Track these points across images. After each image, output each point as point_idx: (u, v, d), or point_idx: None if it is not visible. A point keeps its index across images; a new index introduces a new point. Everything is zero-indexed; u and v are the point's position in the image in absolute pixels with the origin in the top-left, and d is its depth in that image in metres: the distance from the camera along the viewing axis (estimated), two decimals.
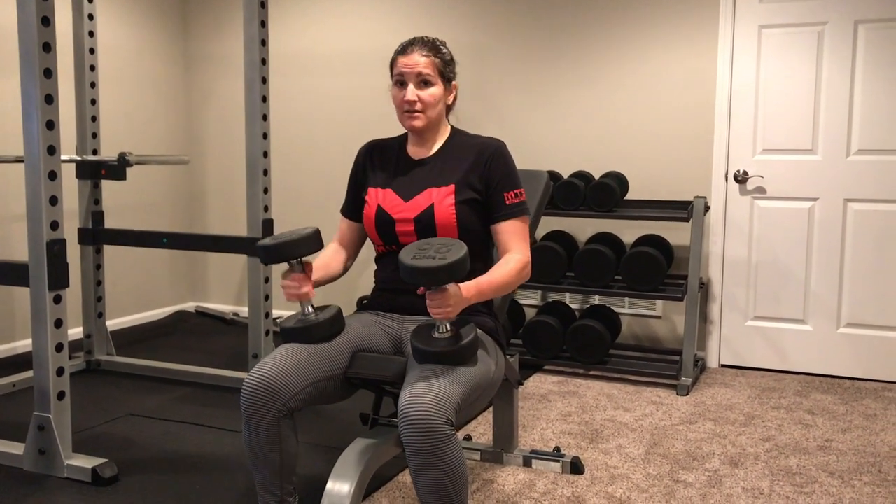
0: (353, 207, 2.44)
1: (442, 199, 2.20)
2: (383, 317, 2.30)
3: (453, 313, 1.94)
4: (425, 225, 2.20)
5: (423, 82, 2.22)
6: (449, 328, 1.97)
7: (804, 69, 4.06)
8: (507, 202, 2.22)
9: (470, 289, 2.00)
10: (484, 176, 2.23)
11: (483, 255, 2.31)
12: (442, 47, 2.28)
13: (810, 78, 4.05)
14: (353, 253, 2.48)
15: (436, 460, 1.78)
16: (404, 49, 2.24)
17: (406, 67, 2.21)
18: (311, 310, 2.13)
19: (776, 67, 4.10)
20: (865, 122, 3.98)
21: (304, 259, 2.11)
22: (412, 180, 2.28)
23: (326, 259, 2.38)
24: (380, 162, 2.38)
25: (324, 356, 2.07)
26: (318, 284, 2.22)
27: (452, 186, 2.22)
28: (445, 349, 1.93)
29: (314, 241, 2.08)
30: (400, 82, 2.24)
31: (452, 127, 2.40)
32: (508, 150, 2.30)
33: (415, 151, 2.35)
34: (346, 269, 2.45)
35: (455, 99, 2.36)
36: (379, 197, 2.30)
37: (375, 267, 2.41)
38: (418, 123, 2.25)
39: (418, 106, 2.22)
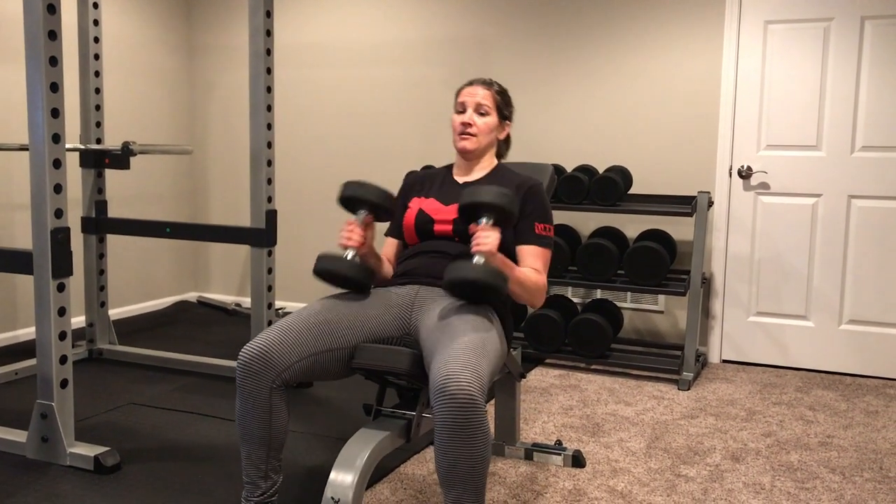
0: (396, 226, 2.58)
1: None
2: (396, 288, 2.31)
3: (491, 250, 2.08)
4: (464, 227, 2.32)
5: (481, 113, 2.47)
6: (483, 263, 2.08)
7: (810, 65, 4.05)
8: (537, 231, 2.38)
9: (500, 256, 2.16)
10: (520, 205, 2.31)
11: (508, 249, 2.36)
12: (503, 88, 2.56)
13: (815, 74, 4.04)
14: (387, 262, 2.58)
15: (469, 436, 1.78)
16: (470, 83, 2.53)
17: (468, 96, 2.49)
18: (351, 256, 2.26)
19: (782, 63, 4.09)
20: (870, 118, 3.97)
21: (370, 220, 2.30)
22: (454, 193, 2.47)
23: (385, 260, 2.54)
24: (426, 184, 2.57)
25: (327, 329, 2.10)
26: (369, 260, 2.36)
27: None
28: (483, 277, 2.03)
29: (387, 199, 2.29)
30: (460, 110, 2.49)
31: (500, 162, 2.61)
32: (544, 190, 2.49)
33: (460, 175, 2.55)
34: (385, 265, 2.54)
35: (508, 138, 2.60)
36: (421, 203, 2.48)
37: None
38: (469, 145, 2.46)
39: (472, 129, 2.45)
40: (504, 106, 2.55)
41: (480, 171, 2.53)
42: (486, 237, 2.09)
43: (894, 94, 3.92)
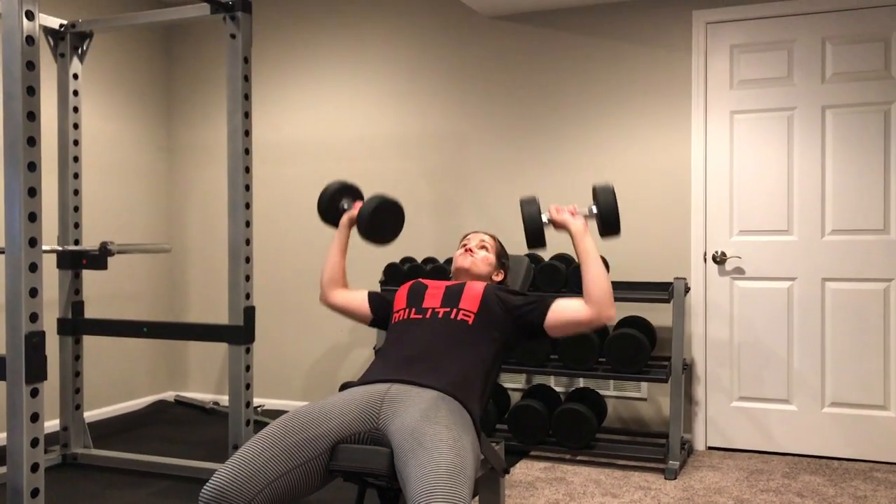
0: (378, 298, 2.74)
1: (475, 284, 2.57)
2: (367, 387, 2.26)
3: (566, 220, 2.51)
4: (454, 292, 2.52)
5: (482, 247, 2.74)
6: (547, 222, 2.53)
7: (776, 152, 4.16)
8: (540, 300, 2.53)
9: (588, 233, 2.48)
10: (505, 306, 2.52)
11: (490, 347, 2.44)
12: (501, 243, 2.84)
13: (782, 161, 4.15)
14: (344, 295, 2.80)
15: None
16: (474, 231, 2.84)
17: (472, 235, 2.79)
18: (347, 206, 2.81)
19: (749, 151, 4.21)
20: (838, 202, 4.06)
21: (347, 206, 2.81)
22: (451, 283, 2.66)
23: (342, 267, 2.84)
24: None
25: (287, 448, 2.02)
26: (343, 233, 2.81)
27: (485, 283, 2.59)
28: (540, 228, 2.50)
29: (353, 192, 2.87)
30: (464, 245, 2.75)
31: None
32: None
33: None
34: (341, 277, 2.81)
35: (503, 281, 2.78)
36: (419, 279, 2.69)
37: (369, 357, 2.47)
38: (468, 263, 2.68)
39: (473, 253, 2.70)
40: (502, 254, 2.79)
41: None
42: (572, 215, 2.51)
43: (858, 178, 4.02)
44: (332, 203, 2.83)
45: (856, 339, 4.06)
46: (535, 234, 2.52)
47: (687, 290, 4.02)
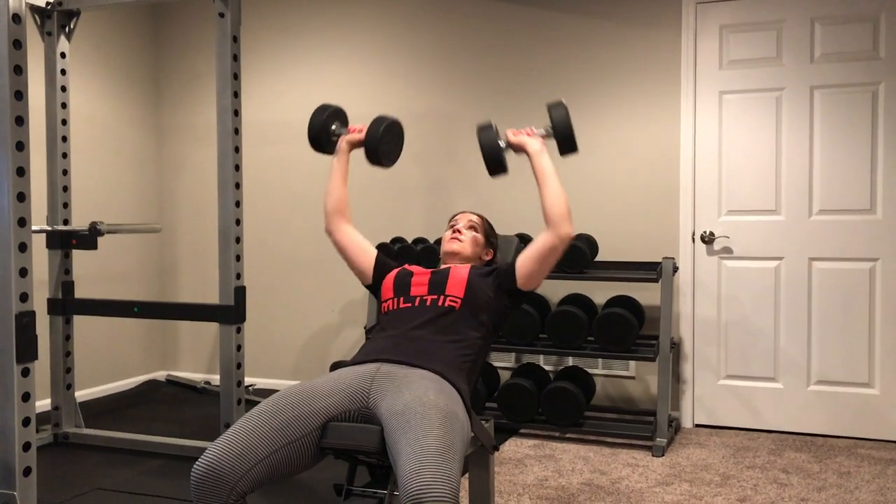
0: (384, 262, 2.71)
1: (459, 268, 2.56)
2: (357, 367, 2.27)
3: (521, 143, 2.56)
4: (439, 279, 2.51)
5: (471, 227, 2.73)
6: (505, 146, 2.56)
7: (765, 132, 4.18)
8: (507, 263, 2.60)
9: (545, 153, 2.54)
10: (497, 276, 2.55)
11: (478, 331, 2.46)
12: (489, 222, 2.82)
13: (771, 141, 4.17)
14: (350, 232, 2.76)
15: None
16: (462, 211, 2.83)
17: (460, 216, 2.78)
18: (337, 129, 2.77)
19: (738, 131, 4.23)
20: (825, 183, 4.09)
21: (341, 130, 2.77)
22: (436, 269, 2.66)
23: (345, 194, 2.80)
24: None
25: (278, 426, 2.04)
26: (342, 158, 2.78)
27: (469, 266, 2.59)
28: (498, 153, 2.53)
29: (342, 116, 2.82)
30: (452, 226, 2.74)
31: None
32: None
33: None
34: (345, 206, 2.79)
35: (493, 260, 2.77)
36: (406, 266, 2.67)
37: (359, 337, 2.48)
38: (456, 246, 2.67)
39: (461, 235, 2.69)
40: (490, 234, 2.78)
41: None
42: (529, 135, 2.56)
43: (845, 158, 4.05)
44: (325, 127, 2.75)
45: (841, 317, 4.10)
46: (494, 160, 2.54)
47: (675, 269, 4.05)
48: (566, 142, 2.53)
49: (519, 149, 2.58)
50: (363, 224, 4.94)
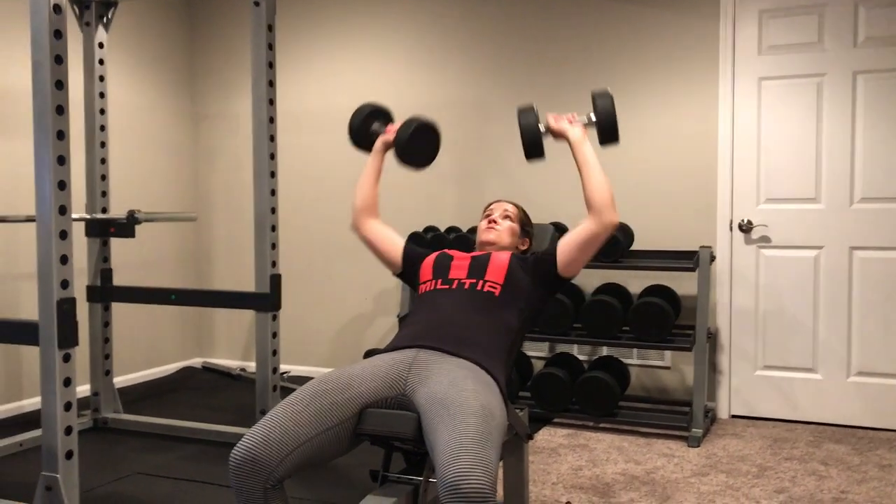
0: (413, 251, 2.70)
1: (500, 254, 2.55)
2: (395, 353, 2.28)
3: (562, 130, 2.52)
4: (480, 263, 2.49)
5: (506, 217, 2.70)
6: (545, 131, 2.52)
7: (805, 119, 4.10)
8: (548, 248, 2.58)
9: (586, 141, 2.49)
10: (536, 265, 2.53)
11: (517, 318, 2.43)
12: (525, 210, 2.80)
13: (811, 128, 4.10)
14: (376, 227, 2.78)
15: None
16: (497, 200, 2.80)
17: (495, 205, 2.76)
18: (377, 129, 2.76)
19: (777, 118, 4.15)
20: (867, 170, 4.01)
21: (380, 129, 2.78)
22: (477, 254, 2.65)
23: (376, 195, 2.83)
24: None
25: (315, 412, 2.04)
26: (377, 157, 2.80)
27: (510, 253, 2.56)
28: (538, 138, 2.50)
29: (384, 115, 2.82)
30: (487, 216, 2.71)
31: None
32: None
33: None
34: (374, 205, 2.82)
35: (528, 249, 2.76)
36: (445, 250, 2.67)
37: (393, 325, 2.48)
38: (492, 236, 2.65)
39: (497, 225, 2.66)
40: (526, 223, 2.77)
41: None
42: (570, 123, 2.50)
43: (889, 145, 3.96)
44: (364, 126, 2.75)
45: (883, 308, 4.02)
46: (532, 144, 2.51)
47: (712, 258, 4.00)
48: (608, 132, 2.49)
49: (559, 135, 2.55)
50: (396, 213, 4.96)
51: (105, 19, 4.06)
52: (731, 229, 4.26)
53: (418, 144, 2.66)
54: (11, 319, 2.83)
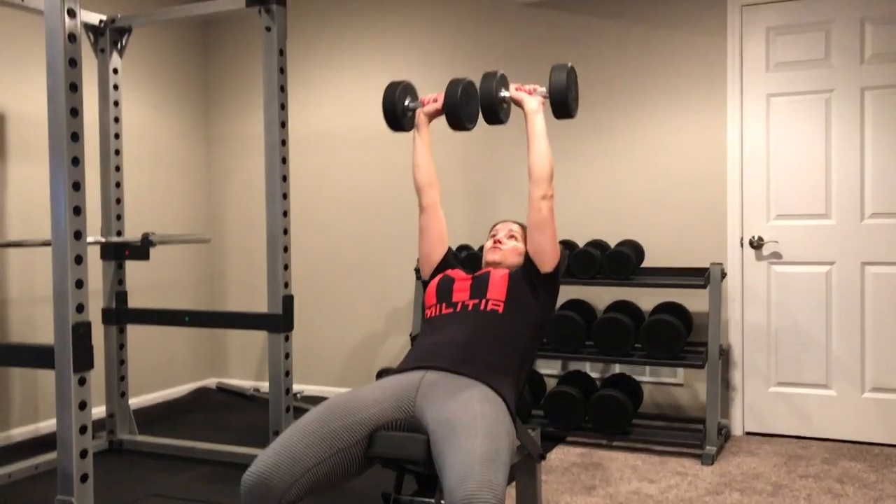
0: (449, 258, 2.79)
1: (498, 271, 2.60)
2: (403, 375, 2.30)
3: (522, 98, 2.58)
4: (480, 283, 2.54)
5: (511, 237, 2.72)
6: (508, 99, 2.56)
7: (814, 135, 4.11)
8: None
9: (539, 112, 2.55)
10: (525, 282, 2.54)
11: (524, 333, 2.46)
12: None
13: (820, 143, 4.10)
14: (438, 207, 2.86)
15: None
16: (503, 220, 2.83)
17: (500, 225, 2.79)
18: (412, 105, 2.79)
19: (786, 134, 4.16)
20: (878, 185, 4.00)
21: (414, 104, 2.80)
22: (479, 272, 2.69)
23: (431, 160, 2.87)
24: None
25: (326, 435, 2.06)
26: (422, 128, 2.82)
27: (508, 270, 2.60)
28: (496, 101, 2.52)
29: (410, 91, 2.83)
30: (493, 236, 2.75)
31: None
32: None
33: None
34: (436, 177, 2.87)
35: None
36: (448, 272, 2.71)
37: (405, 344, 2.50)
38: (497, 256, 2.68)
39: (502, 245, 2.69)
40: None
41: None
42: (529, 92, 2.57)
43: None
44: (399, 104, 2.75)
45: None
46: (488, 107, 2.54)
47: (723, 275, 4.00)
48: (560, 106, 2.54)
49: (517, 103, 2.61)
50: (407, 233, 4.99)
51: (119, 45, 4.13)
52: (741, 246, 4.26)
53: (467, 105, 2.67)
54: (27, 344, 2.87)
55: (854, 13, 4.01)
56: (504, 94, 2.58)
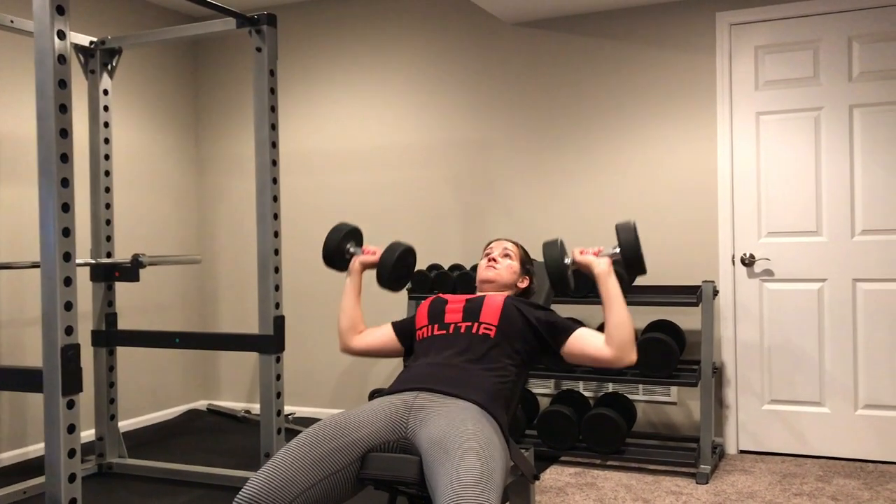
0: (404, 327, 2.74)
1: (494, 297, 2.57)
2: (395, 396, 2.28)
3: (587, 263, 2.48)
4: (474, 306, 2.52)
5: (506, 255, 2.73)
6: (571, 265, 2.51)
7: (804, 153, 4.13)
8: (562, 323, 2.51)
9: (612, 274, 2.44)
10: (535, 320, 2.52)
11: (513, 359, 2.45)
12: (524, 249, 2.82)
13: (810, 161, 4.12)
14: (365, 338, 2.79)
15: None
16: (497, 239, 2.82)
17: (495, 244, 2.78)
18: (352, 250, 2.83)
19: (776, 152, 4.18)
20: (868, 202, 4.02)
21: (355, 250, 2.84)
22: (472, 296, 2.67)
23: (358, 313, 2.83)
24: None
25: (318, 458, 2.04)
26: (355, 277, 2.82)
27: (505, 295, 2.59)
28: (563, 271, 2.47)
29: (355, 236, 2.86)
30: (487, 254, 2.74)
31: None
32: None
33: None
34: (360, 321, 2.82)
35: (529, 287, 2.77)
36: (440, 294, 2.70)
37: (397, 365, 2.49)
38: (491, 274, 2.68)
39: (496, 264, 2.69)
40: (526, 261, 2.78)
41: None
42: (596, 257, 2.47)
43: (888, 177, 3.98)
44: (338, 249, 2.82)
45: (889, 339, 4.01)
46: (558, 278, 2.50)
47: (715, 293, 4.00)
48: (635, 265, 2.44)
49: (585, 268, 2.51)
50: None
51: (109, 66, 4.12)
52: (733, 263, 4.26)
53: (399, 270, 2.74)
54: (15, 367, 2.83)
55: (841, 32, 4.04)
56: (568, 261, 2.53)
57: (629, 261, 2.44)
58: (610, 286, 2.43)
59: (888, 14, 3.97)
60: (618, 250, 2.47)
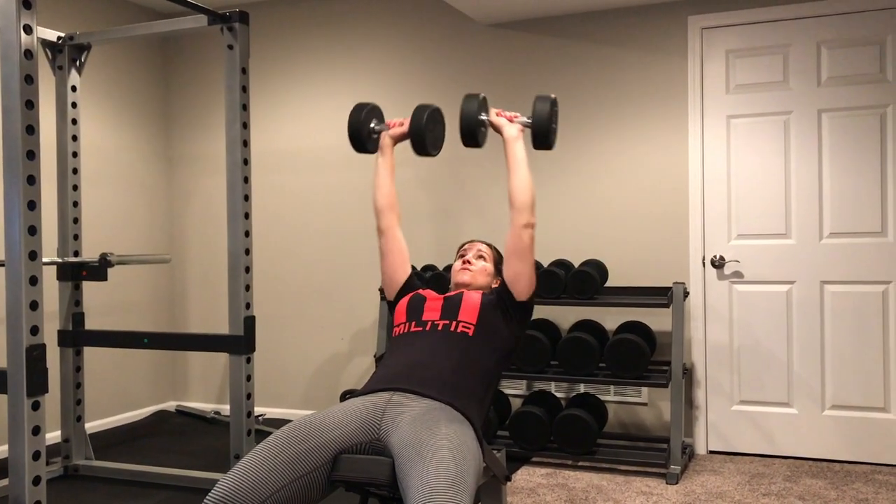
0: (412, 280, 2.73)
1: (472, 293, 2.56)
2: (369, 396, 2.26)
3: (502, 124, 2.58)
4: (452, 304, 2.51)
5: (480, 257, 2.74)
6: (487, 122, 2.57)
7: (773, 156, 4.18)
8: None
9: (519, 140, 2.55)
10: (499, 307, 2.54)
11: (491, 358, 2.45)
12: (497, 251, 2.79)
13: (779, 164, 4.17)
14: (397, 232, 2.75)
15: None
16: (471, 241, 2.84)
17: (469, 246, 2.79)
18: (378, 128, 2.80)
19: (746, 155, 4.23)
20: (835, 206, 4.08)
21: (381, 127, 2.80)
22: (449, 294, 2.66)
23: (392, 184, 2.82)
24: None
25: (290, 459, 2.02)
26: (386, 151, 2.82)
27: (481, 293, 2.58)
28: (475, 124, 2.53)
29: (376, 113, 2.83)
30: (461, 256, 2.74)
31: None
32: None
33: None
34: (396, 201, 2.80)
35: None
36: (420, 291, 2.66)
37: (370, 365, 2.47)
38: (467, 277, 2.67)
39: (471, 266, 2.70)
40: (499, 262, 2.75)
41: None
42: (510, 119, 2.56)
43: (855, 182, 4.04)
44: (364, 127, 2.74)
45: (855, 341, 4.06)
46: (468, 130, 2.55)
47: (686, 294, 4.03)
48: (541, 136, 2.56)
49: (496, 129, 2.62)
50: (372, 252, 4.96)
51: (78, 63, 4.06)
52: (703, 265, 4.30)
53: (433, 130, 2.68)
54: None
55: (810, 37, 4.09)
56: (484, 117, 2.57)
57: (538, 132, 2.54)
58: (517, 150, 2.55)
59: (855, 20, 4.02)
60: (531, 120, 2.55)
